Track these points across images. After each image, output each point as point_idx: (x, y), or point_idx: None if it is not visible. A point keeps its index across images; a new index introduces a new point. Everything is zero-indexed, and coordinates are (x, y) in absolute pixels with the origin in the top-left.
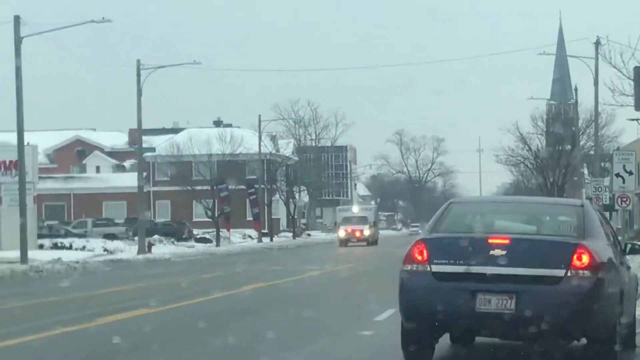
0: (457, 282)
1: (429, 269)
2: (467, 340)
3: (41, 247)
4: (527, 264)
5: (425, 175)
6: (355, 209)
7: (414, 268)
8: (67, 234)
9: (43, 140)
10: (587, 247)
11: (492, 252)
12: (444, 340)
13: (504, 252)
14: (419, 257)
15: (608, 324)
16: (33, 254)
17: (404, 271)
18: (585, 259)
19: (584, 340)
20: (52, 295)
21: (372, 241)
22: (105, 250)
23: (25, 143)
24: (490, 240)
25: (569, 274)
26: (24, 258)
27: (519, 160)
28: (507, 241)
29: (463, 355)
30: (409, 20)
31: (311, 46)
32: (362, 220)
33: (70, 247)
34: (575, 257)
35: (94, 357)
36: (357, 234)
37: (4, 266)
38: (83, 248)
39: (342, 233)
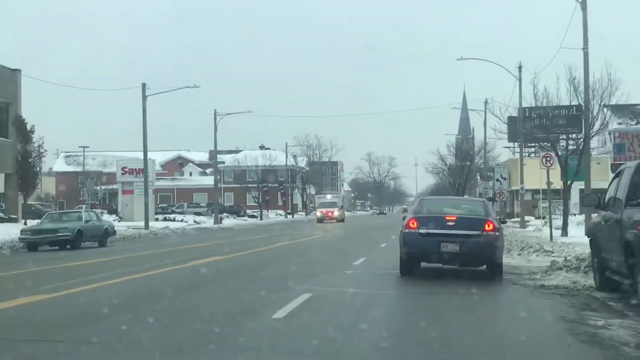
0: (432, 237)
1: (418, 231)
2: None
3: (157, 219)
4: (464, 228)
5: (384, 179)
6: (329, 196)
7: (410, 231)
8: (172, 212)
9: (158, 156)
10: (490, 220)
11: (448, 223)
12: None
13: (453, 223)
14: (412, 225)
15: (499, 257)
16: (152, 223)
17: (405, 232)
18: (490, 226)
19: (484, 267)
20: (163, 247)
21: (340, 219)
22: (194, 222)
23: (148, 158)
24: (446, 217)
25: (483, 233)
26: (146, 226)
27: (439, 170)
28: (454, 218)
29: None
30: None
31: (317, 96)
32: (333, 204)
33: (174, 220)
34: (485, 225)
35: (190, 283)
36: (329, 214)
37: (135, 230)
38: (181, 220)
39: (318, 214)
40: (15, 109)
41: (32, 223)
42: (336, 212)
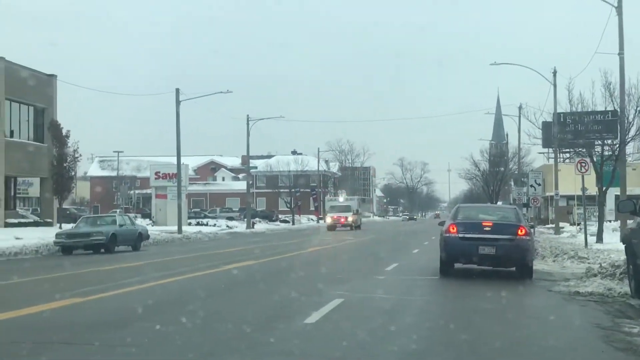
0: (471, 241)
1: (458, 236)
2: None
3: (189, 224)
4: (500, 233)
5: (416, 184)
6: (341, 198)
7: (450, 235)
8: (205, 217)
9: (191, 161)
10: (522, 225)
11: (485, 228)
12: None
13: (490, 228)
14: (453, 230)
15: (530, 259)
16: (185, 228)
17: (445, 236)
18: (522, 231)
19: (514, 268)
20: (196, 252)
21: (356, 226)
22: (227, 226)
23: (181, 163)
24: (483, 223)
25: (516, 237)
26: (179, 230)
27: (472, 175)
28: (491, 224)
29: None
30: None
31: (348, 101)
32: (346, 209)
33: (207, 224)
34: (518, 230)
35: (222, 287)
36: (342, 220)
37: (168, 235)
38: (214, 225)
39: (329, 220)
40: (51, 114)
41: (67, 227)
42: (350, 218)
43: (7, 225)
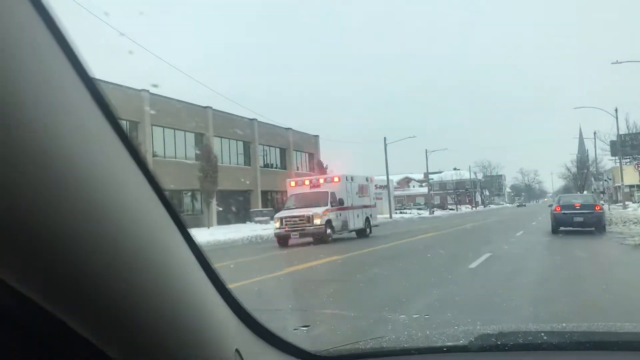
0: (568, 214)
1: (561, 212)
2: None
3: (395, 213)
4: (584, 209)
5: (530, 183)
6: (308, 181)
7: (557, 212)
8: (404, 209)
9: (394, 177)
10: (597, 204)
11: (575, 207)
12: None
13: (579, 207)
14: (558, 209)
15: (603, 224)
16: (393, 216)
17: (554, 213)
18: (597, 207)
19: (593, 229)
20: (400, 228)
21: (355, 231)
22: (417, 213)
23: (390, 179)
24: (575, 204)
25: (594, 211)
26: (390, 216)
27: (566, 175)
28: (579, 204)
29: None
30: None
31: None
32: (316, 198)
33: (405, 213)
34: (595, 207)
35: (416, 249)
36: (300, 224)
37: (384, 220)
38: (409, 213)
39: (277, 225)
40: (318, 157)
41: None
42: (318, 219)
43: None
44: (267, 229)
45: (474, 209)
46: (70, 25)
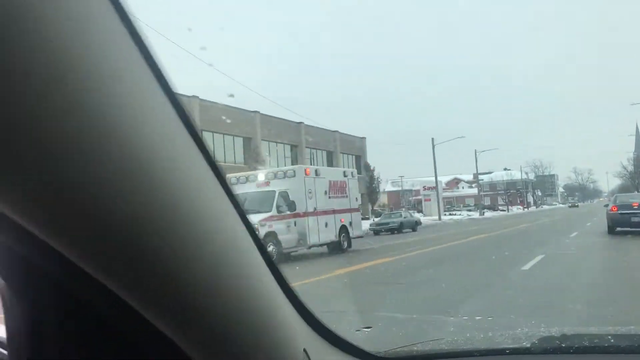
0: (625, 215)
1: (618, 212)
2: (615, 231)
3: (444, 215)
4: None
5: (585, 183)
6: (258, 178)
7: (613, 212)
8: (453, 210)
9: (443, 178)
10: None
11: (633, 207)
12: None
13: (637, 206)
14: (614, 209)
15: None
16: (442, 217)
17: (610, 213)
18: None
19: None
20: (449, 230)
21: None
22: (467, 214)
23: (439, 180)
24: (633, 204)
25: None
26: (439, 218)
27: (623, 175)
28: (637, 204)
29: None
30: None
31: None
32: (263, 199)
33: (454, 214)
34: None
35: (466, 252)
36: None
37: (433, 221)
38: (459, 214)
39: None
40: (364, 159)
41: (376, 220)
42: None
43: None
44: None
45: (525, 209)
46: (156, 41)
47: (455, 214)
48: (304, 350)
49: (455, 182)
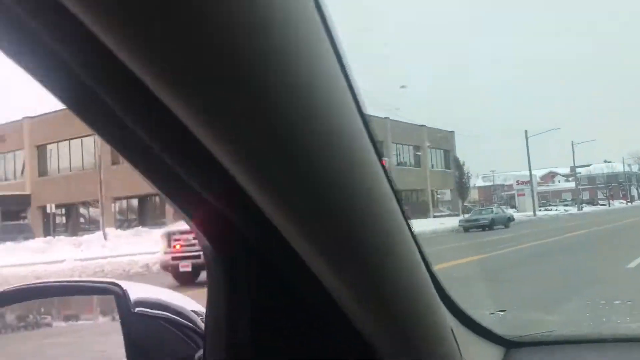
0: None
1: None
2: None
3: (539, 210)
4: None
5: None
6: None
7: None
8: (549, 205)
9: (538, 172)
10: None
11: None
12: None
13: None
14: None
15: None
16: (537, 213)
17: None
18: None
19: None
20: (544, 227)
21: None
22: (564, 210)
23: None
24: None
25: None
26: (534, 214)
27: None
28: None
29: None
30: None
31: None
32: None
33: (550, 210)
34: None
35: (565, 248)
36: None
37: (527, 217)
38: (555, 209)
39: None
40: (453, 154)
41: (466, 216)
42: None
43: (434, 216)
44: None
45: (629, 204)
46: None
47: (550, 209)
48: (451, 329)
49: (550, 176)
